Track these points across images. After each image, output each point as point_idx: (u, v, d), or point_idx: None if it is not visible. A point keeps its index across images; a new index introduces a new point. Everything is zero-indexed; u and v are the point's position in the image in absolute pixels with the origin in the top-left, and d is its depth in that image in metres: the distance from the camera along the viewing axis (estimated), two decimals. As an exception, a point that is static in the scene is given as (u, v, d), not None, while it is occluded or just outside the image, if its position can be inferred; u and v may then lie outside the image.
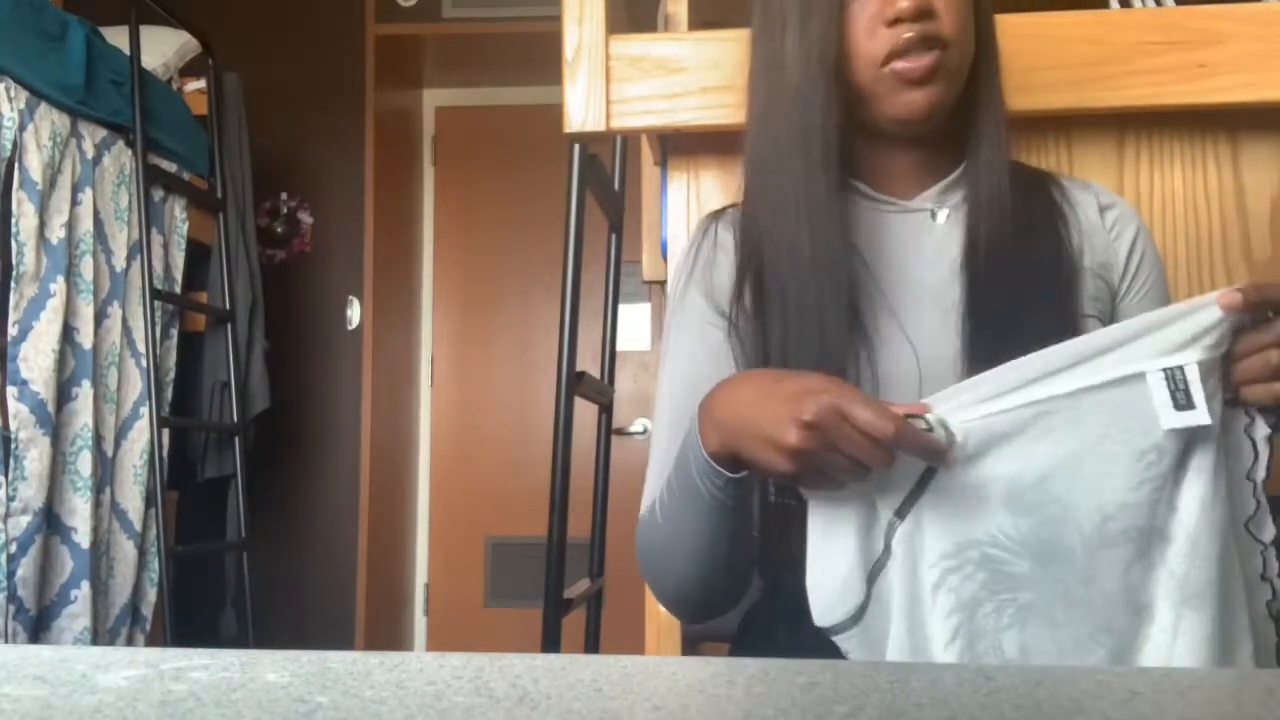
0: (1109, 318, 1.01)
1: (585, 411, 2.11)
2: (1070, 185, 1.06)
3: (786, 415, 0.79)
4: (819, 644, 0.87)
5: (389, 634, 3.86)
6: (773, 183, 0.99)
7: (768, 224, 0.99)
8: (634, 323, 3.89)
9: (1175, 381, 0.82)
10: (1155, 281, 1.03)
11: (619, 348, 2.41)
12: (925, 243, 1.01)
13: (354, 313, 3.79)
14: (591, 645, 2.22)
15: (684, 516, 0.92)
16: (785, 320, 0.96)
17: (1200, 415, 0.81)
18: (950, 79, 0.96)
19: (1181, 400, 0.82)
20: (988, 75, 1.00)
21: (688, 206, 1.38)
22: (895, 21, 0.93)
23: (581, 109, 1.29)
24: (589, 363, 2.23)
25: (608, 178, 2.16)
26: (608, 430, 2.30)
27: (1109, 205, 1.05)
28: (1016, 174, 1.02)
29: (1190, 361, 0.81)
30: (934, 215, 1.02)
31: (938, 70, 0.94)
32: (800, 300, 0.95)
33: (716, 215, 1.09)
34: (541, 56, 2.61)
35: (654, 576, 1.00)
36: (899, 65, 0.94)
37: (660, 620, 1.34)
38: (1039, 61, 1.27)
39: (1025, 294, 0.96)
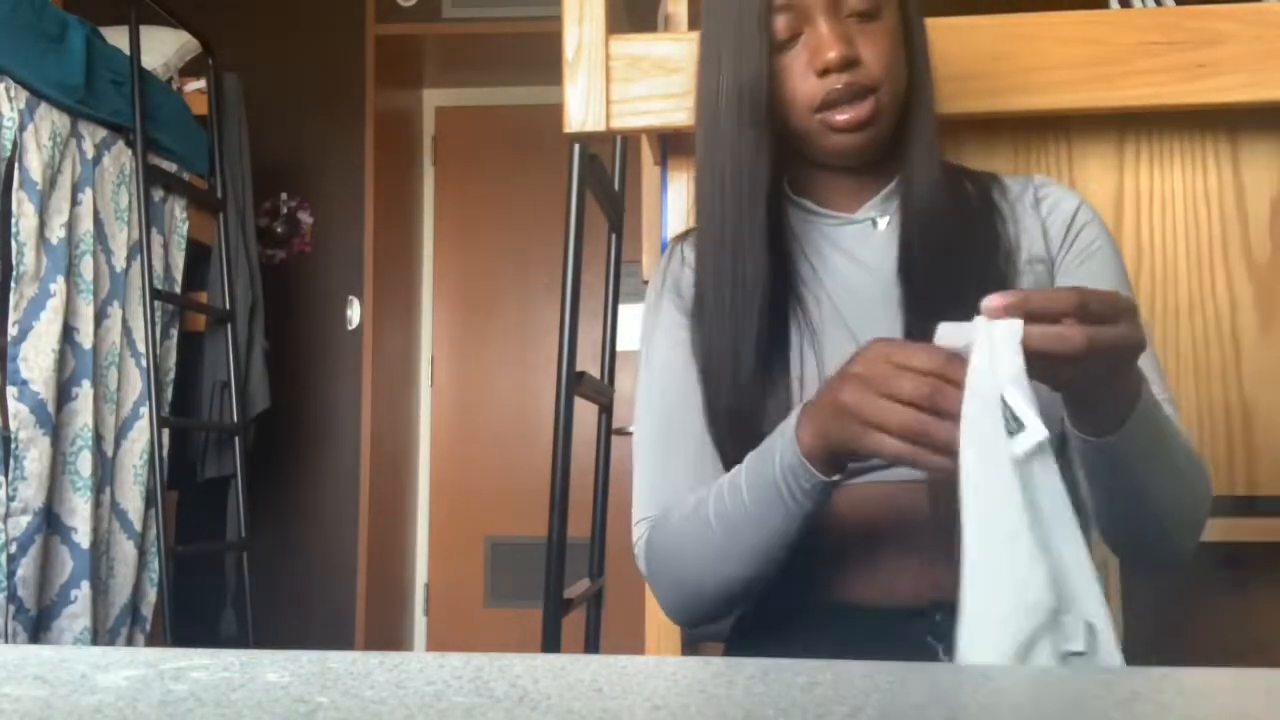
0: None
1: (585, 411, 2.11)
2: (1011, 183, 1.08)
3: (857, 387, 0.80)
4: (807, 650, 0.87)
5: (389, 634, 3.86)
6: (707, 213, 1.03)
7: (701, 253, 1.04)
8: (634, 323, 3.87)
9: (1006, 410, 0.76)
10: (1098, 251, 1.03)
11: (619, 348, 2.41)
12: (867, 250, 1.04)
13: (354, 313, 3.79)
14: (591, 645, 2.22)
15: (749, 521, 0.91)
16: (709, 352, 1.01)
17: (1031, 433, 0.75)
18: (882, 119, 0.99)
19: (1012, 426, 0.76)
20: (921, 95, 1.03)
21: (688, 206, 1.38)
22: (824, 72, 0.96)
23: (581, 109, 1.29)
24: (589, 363, 2.23)
25: (608, 178, 2.16)
26: (608, 430, 2.30)
27: (1045, 194, 1.06)
28: (956, 178, 1.05)
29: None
30: (875, 224, 1.05)
31: (870, 119, 0.98)
32: (718, 339, 1.00)
33: (683, 237, 1.13)
34: (541, 56, 2.61)
35: (675, 580, 0.99)
36: (831, 117, 0.98)
37: (660, 620, 1.34)
38: (1039, 61, 1.27)
39: (961, 292, 0.98)
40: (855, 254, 1.04)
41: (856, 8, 0.97)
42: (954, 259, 1.00)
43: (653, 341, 1.08)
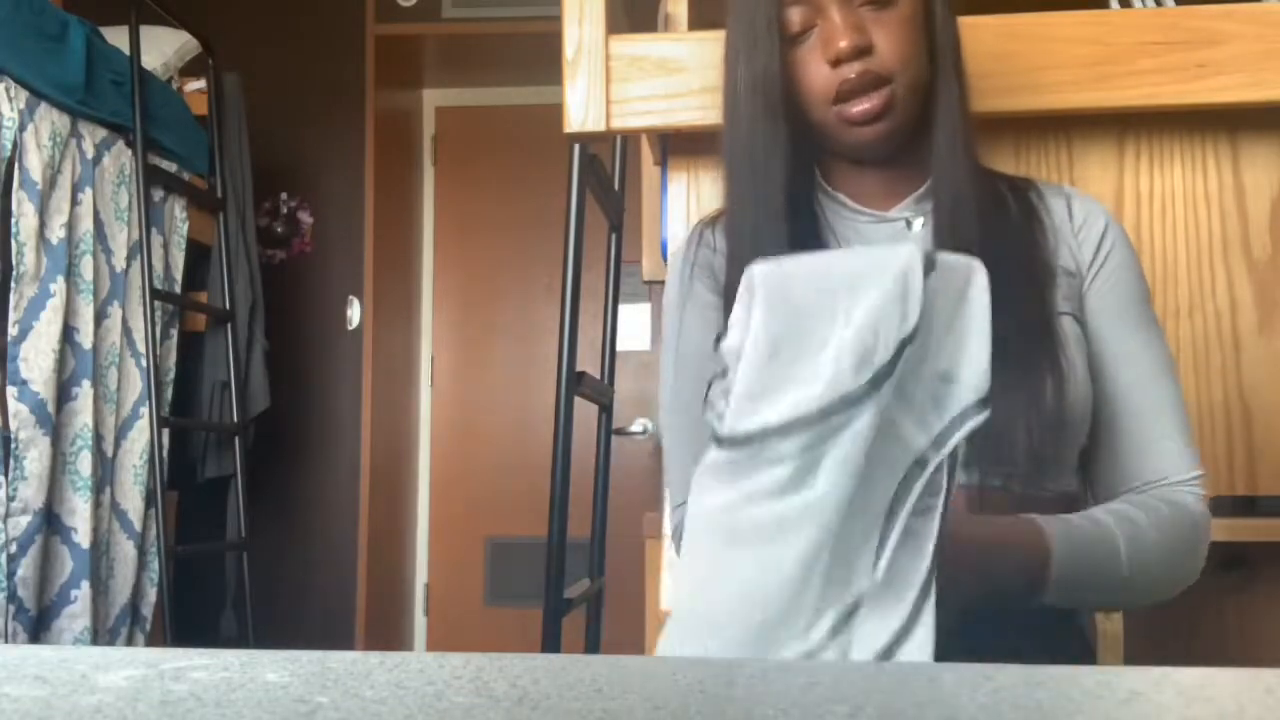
0: (1081, 313, 1.02)
1: (585, 411, 2.11)
2: (1046, 190, 1.08)
3: None
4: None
5: (389, 634, 3.86)
6: (731, 209, 1.03)
7: (730, 247, 1.04)
8: (634, 323, 3.89)
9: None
10: (1122, 276, 1.04)
11: (619, 348, 2.41)
12: None
13: (354, 313, 3.79)
14: (591, 645, 2.22)
15: None
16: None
17: None
18: (900, 110, 0.98)
19: None
20: (948, 90, 1.01)
21: (688, 206, 1.39)
22: (836, 62, 0.96)
23: (581, 109, 1.29)
24: (589, 363, 2.23)
25: (608, 178, 2.16)
26: (608, 430, 2.30)
27: (1078, 207, 1.07)
28: (993, 182, 1.04)
29: None
30: (909, 225, 1.04)
31: (884, 110, 0.97)
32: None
33: (710, 222, 1.11)
34: (542, 56, 2.61)
35: None
36: (845, 109, 0.97)
37: (660, 620, 1.34)
38: (1039, 61, 1.27)
39: (999, 304, 0.97)
40: None
41: None
42: (990, 265, 0.99)
43: (682, 322, 1.07)
